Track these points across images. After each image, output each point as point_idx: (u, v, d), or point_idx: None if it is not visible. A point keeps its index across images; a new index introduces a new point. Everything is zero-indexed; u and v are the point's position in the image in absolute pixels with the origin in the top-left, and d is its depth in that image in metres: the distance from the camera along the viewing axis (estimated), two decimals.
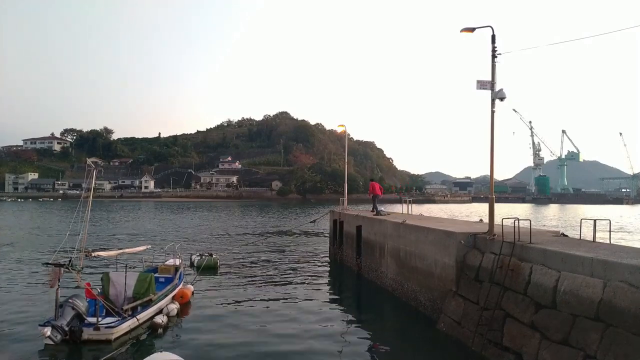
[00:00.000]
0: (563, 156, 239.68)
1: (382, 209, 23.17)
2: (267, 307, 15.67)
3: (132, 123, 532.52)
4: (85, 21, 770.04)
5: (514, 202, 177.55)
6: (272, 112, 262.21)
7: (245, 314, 14.84)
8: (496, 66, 12.85)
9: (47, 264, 12.37)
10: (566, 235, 12.98)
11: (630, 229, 52.78)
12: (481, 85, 12.84)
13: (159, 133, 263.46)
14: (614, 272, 8.01)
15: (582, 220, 12.15)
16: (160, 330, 12.67)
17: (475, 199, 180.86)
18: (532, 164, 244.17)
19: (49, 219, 60.79)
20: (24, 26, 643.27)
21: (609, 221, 11.61)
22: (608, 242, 10.86)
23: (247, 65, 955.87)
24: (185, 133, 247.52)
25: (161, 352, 9.69)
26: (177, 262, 18.44)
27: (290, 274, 22.03)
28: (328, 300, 17.26)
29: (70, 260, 12.05)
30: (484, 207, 18.06)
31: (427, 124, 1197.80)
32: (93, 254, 13.04)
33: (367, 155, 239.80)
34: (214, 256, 23.63)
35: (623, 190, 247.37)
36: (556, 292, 8.96)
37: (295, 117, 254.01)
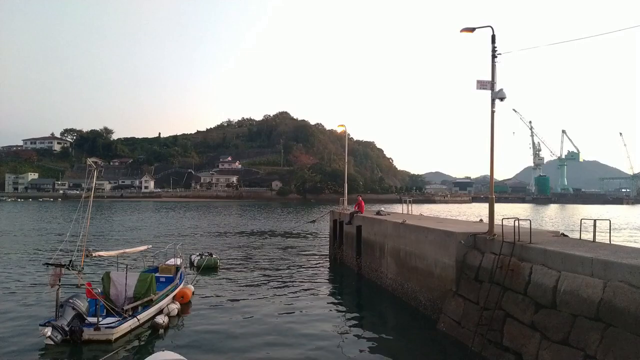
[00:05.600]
0: (563, 156, 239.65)
1: (382, 209, 23.18)
2: (267, 307, 15.68)
3: (132, 123, 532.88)
4: (86, 21, 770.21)
5: (514, 202, 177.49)
6: (272, 112, 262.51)
7: (245, 313, 14.85)
8: (496, 66, 12.87)
9: (48, 264, 12.38)
10: (566, 236, 13.00)
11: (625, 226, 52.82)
12: (481, 85, 12.85)
13: (159, 133, 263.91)
14: (614, 272, 8.02)
15: (582, 220, 12.16)
16: (161, 330, 12.68)
17: (475, 199, 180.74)
18: (532, 164, 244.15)
19: (49, 219, 60.78)
20: (25, 26, 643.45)
21: (609, 221, 11.62)
22: (608, 242, 10.87)
23: (248, 65, 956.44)
24: (185, 133, 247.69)
25: (163, 351, 9.69)
26: (178, 262, 18.46)
27: (290, 273, 22.03)
28: (328, 300, 17.27)
29: (70, 260, 12.06)
30: (484, 207, 18.08)
31: (427, 124, 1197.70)
32: (94, 254, 13.04)
33: (367, 155, 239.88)
34: (214, 256, 23.65)
35: (623, 190, 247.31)
36: (556, 292, 8.96)
37: (295, 117, 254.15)
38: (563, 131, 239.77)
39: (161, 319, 12.98)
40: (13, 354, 10.97)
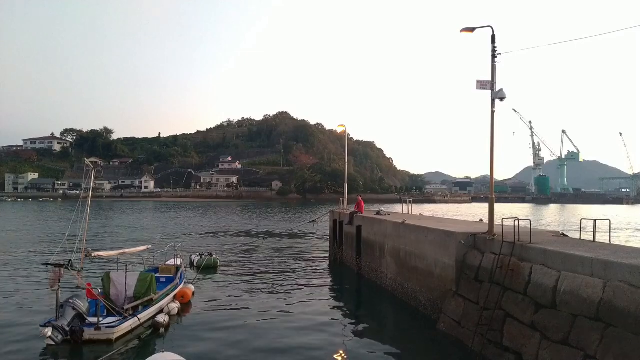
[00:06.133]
0: (563, 156, 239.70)
1: (382, 209, 23.19)
2: (267, 307, 15.69)
3: (132, 123, 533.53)
4: (86, 21, 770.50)
5: (514, 202, 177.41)
6: (272, 112, 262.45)
7: (245, 313, 14.86)
8: (496, 66, 12.88)
9: (47, 264, 12.38)
10: (566, 235, 13.00)
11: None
12: (481, 85, 12.86)
13: (159, 133, 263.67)
14: (614, 272, 8.03)
15: (582, 220, 12.17)
16: (161, 330, 12.68)
17: (475, 199, 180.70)
18: (532, 164, 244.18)
19: (49, 219, 60.78)
20: (25, 26, 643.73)
21: (609, 221, 11.62)
22: (608, 242, 10.88)
23: (248, 65, 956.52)
24: (185, 133, 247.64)
25: (163, 352, 9.70)
26: (178, 262, 18.48)
27: (290, 273, 22.04)
28: (328, 300, 17.28)
29: (70, 261, 12.07)
30: (484, 207, 18.08)
31: (427, 124, 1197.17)
32: (93, 254, 13.05)
33: (367, 155, 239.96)
34: (214, 256, 23.68)
35: (623, 190, 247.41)
36: (556, 292, 8.97)
37: (295, 117, 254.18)
38: (563, 131, 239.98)
39: (162, 318, 12.98)
40: (14, 354, 10.97)
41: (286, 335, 12.66)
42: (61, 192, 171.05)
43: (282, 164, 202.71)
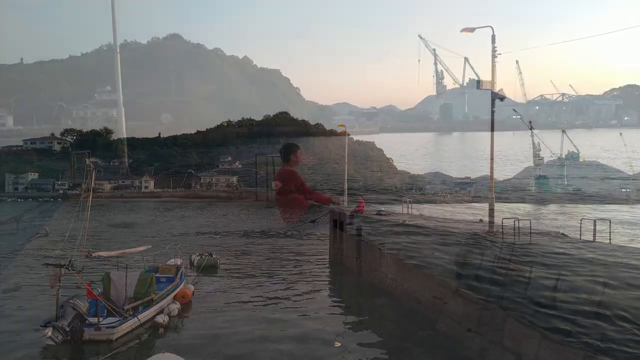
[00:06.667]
0: (563, 156, 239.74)
1: (382, 209, 23.19)
2: (267, 306, 15.68)
3: (132, 123, 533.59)
4: (86, 21, 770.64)
5: (514, 202, 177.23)
6: (272, 112, 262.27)
7: (245, 313, 14.85)
8: (496, 66, 12.90)
9: (47, 264, 12.38)
10: (566, 235, 13.02)
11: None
12: (481, 85, 12.88)
13: (159, 133, 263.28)
14: (614, 272, 8.03)
15: (582, 220, 12.18)
16: (161, 330, 12.69)
17: (476, 199, 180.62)
18: (532, 164, 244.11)
19: (49, 219, 60.70)
20: (26, 26, 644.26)
21: (609, 221, 11.62)
22: (608, 242, 10.88)
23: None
24: (185, 133, 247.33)
25: (163, 352, 9.70)
26: (178, 262, 18.46)
27: (290, 273, 22.01)
28: (328, 300, 17.27)
29: (70, 261, 12.07)
30: (484, 207, 18.08)
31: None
32: (93, 254, 13.06)
33: (367, 156, 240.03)
34: (214, 256, 23.64)
35: (623, 190, 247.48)
36: (556, 292, 8.97)
37: (295, 117, 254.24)
38: (563, 131, 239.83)
39: (161, 319, 12.99)
40: (14, 354, 10.97)
41: (286, 335, 12.66)
42: (61, 192, 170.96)
43: (282, 164, 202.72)
